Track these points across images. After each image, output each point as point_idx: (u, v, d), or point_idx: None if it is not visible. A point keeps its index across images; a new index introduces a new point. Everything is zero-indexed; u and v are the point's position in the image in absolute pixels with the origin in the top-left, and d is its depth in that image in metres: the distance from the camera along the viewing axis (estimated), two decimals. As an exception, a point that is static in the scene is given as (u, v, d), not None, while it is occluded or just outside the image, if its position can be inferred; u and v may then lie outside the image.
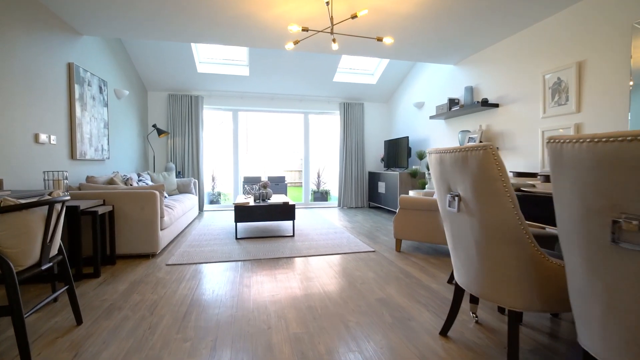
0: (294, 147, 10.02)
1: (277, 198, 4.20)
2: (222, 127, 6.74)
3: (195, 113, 5.60)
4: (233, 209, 5.95)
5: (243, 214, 3.62)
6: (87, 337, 1.61)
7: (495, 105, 3.73)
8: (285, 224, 4.45)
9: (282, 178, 6.83)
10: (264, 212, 3.67)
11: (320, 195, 7.44)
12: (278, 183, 6.72)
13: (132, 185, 3.37)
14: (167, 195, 4.29)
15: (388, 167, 5.86)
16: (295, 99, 6.15)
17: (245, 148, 10.38)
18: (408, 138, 5.20)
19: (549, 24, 3.11)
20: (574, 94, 2.87)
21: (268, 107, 6.06)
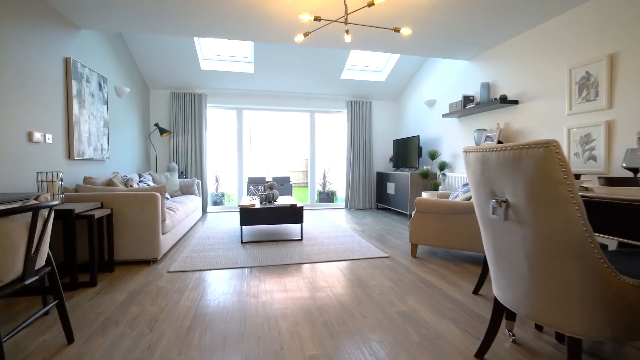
0: (299, 146, 9.84)
1: (283, 199, 4.02)
2: (225, 126, 6.57)
3: (199, 111, 5.42)
4: (237, 211, 5.77)
5: (249, 217, 3.44)
6: (77, 358, 1.43)
7: (515, 102, 3.53)
8: (293, 227, 4.26)
9: (287, 178, 6.64)
10: (271, 214, 3.49)
11: (326, 196, 7.26)
12: (283, 184, 6.54)
13: (132, 187, 3.20)
14: (169, 197, 4.12)
15: (397, 167, 5.66)
16: (301, 97, 5.96)
17: (249, 147, 10.21)
18: (419, 137, 5.00)
19: (576, 15, 2.90)
20: (605, 89, 2.66)
21: (273, 105, 5.88)
